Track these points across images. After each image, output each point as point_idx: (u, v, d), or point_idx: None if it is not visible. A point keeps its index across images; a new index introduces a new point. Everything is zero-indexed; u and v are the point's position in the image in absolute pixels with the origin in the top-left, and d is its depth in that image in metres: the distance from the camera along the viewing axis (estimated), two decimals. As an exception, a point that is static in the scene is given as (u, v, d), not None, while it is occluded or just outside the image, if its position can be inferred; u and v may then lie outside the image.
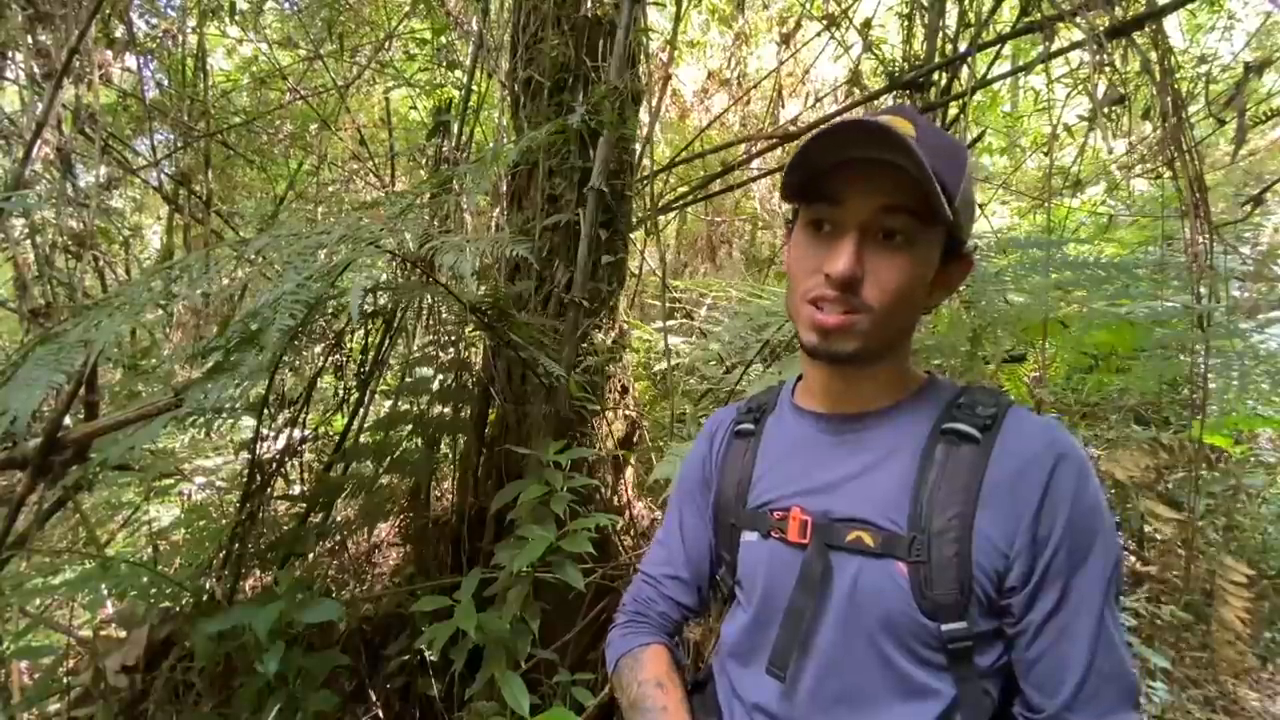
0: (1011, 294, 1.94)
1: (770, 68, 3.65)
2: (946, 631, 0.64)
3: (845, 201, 0.66)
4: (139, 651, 1.59)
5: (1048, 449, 0.66)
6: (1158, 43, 1.76)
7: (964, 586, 0.64)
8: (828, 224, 0.68)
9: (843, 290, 0.65)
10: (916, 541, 0.65)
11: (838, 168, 0.65)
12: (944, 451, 0.68)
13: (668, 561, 0.91)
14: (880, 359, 0.71)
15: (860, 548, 0.68)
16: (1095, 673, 0.63)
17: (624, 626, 0.91)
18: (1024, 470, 0.65)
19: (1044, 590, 0.64)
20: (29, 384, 0.77)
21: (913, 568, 0.65)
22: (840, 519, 0.70)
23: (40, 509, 1.61)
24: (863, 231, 0.66)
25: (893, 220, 0.65)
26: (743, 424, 0.86)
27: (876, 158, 0.63)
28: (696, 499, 0.89)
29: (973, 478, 0.65)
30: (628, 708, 0.81)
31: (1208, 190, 1.88)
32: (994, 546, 0.64)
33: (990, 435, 0.67)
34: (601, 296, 2.10)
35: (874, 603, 0.67)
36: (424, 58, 3.31)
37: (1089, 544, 0.64)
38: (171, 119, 3.15)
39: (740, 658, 0.79)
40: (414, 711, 1.86)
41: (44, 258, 2.43)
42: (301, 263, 1.18)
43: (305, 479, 2.18)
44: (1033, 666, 0.65)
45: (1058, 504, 0.64)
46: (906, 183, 0.62)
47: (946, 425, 0.69)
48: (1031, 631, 0.64)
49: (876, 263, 0.66)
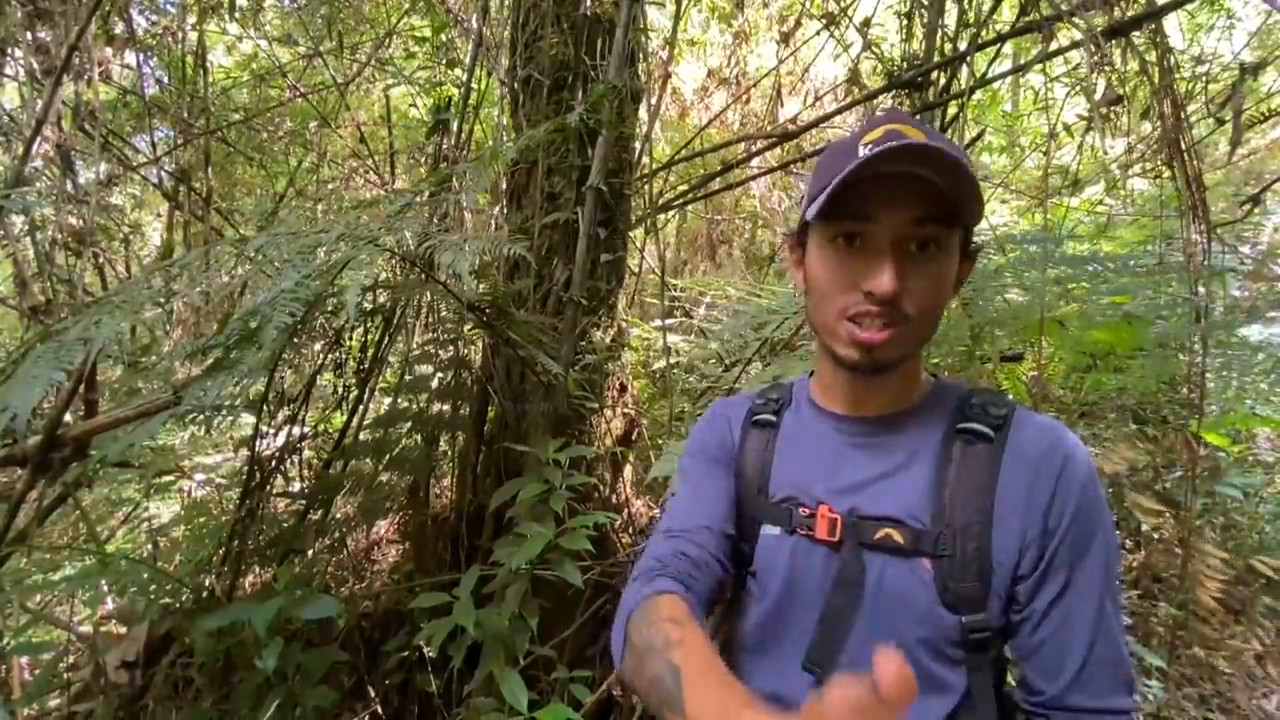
0: (1010, 293, 1.94)
1: (770, 66, 3.65)
2: (968, 623, 0.67)
3: (877, 217, 0.67)
4: (139, 647, 1.59)
5: (1057, 447, 0.69)
6: (1157, 42, 1.76)
7: (985, 579, 0.67)
8: (859, 239, 0.68)
9: (887, 306, 0.67)
10: (942, 538, 0.68)
11: (858, 183, 0.65)
12: (960, 450, 0.71)
13: (691, 515, 0.79)
14: (909, 363, 0.75)
15: (890, 545, 0.70)
16: (1095, 658, 0.66)
17: (638, 583, 0.72)
18: (1037, 467, 0.68)
19: (1049, 578, 0.67)
20: (29, 381, 0.78)
21: (937, 563, 0.68)
22: (868, 517, 0.72)
23: (40, 506, 1.62)
24: (897, 245, 0.67)
25: (925, 231, 0.67)
26: (761, 415, 0.85)
27: (908, 172, 0.64)
28: (718, 471, 0.84)
29: (990, 474, 0.69)
30: (637, 663, 0.62)
31: (1206, 190, 1.89)
32: (1010, 540, 0.67)
33: (1002, 434, 0.71)
34: (600, 295, 2.10)
35: (901, 599, 0.69)
36: (424, 55, 3.31)
37: (1091, 536, 0.67)
38: (171, 116, 3.15)
39: (755, 648, 0.79)
40: (413, 708, 1.87)
41: (44, 254, 2.44)
42: (301, 261, 1.19)
43: (305, 476, 2.18)
44: (1036, 651, 0.68)
45: (1066, 498, 0.67)
46: (934, 193, 0.64)
47: (962, 425, 0.72)
48: (1036, 618, 0.67)
49: (913, 275, 0.67)
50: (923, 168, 0.63)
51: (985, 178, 3.96)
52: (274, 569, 1.73)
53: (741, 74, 3.76)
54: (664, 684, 0.56)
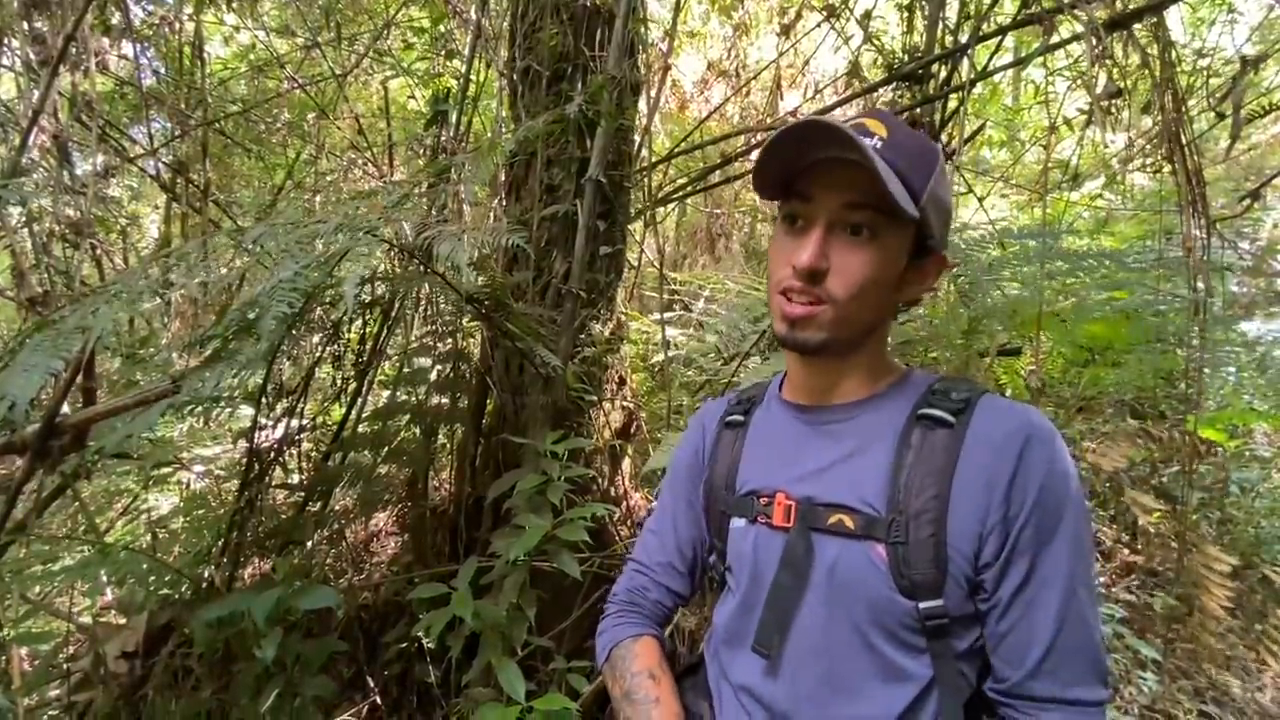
0: (1008, 287, 1.94)
1: (770, 59, 3.63)
2: (924, 609, 0.66)
3: (814, 198, 0.70)
4: (139, 638, 1.60)
5: (1019, 430, 0.67)
6: (1158, 36, 1.75)
7: (940, 565, 0.66)
8: (800, 219, 0.72)
9: (808, 281, 0.69)
10: (895, 524, 0.67)
11: (810, 166, 0.69)
12: (920, 436, 0.70)
13: (660, 549, 0.92)
14: (852, 351, 0.75)
15: (841, 530, 0.70)
16: (1061, 645, 0.64)
17: (616, 616, 0.92)
18: (996, 451, 0.67)
19: (1013, 564, 0.66)
20: (27, 370, 0.78)
21: (891, 549, 0.67)
22: (822, 503, 0.72)
23: (39, 497, 1.62)
24: (829, 226, 0.69)
25: (857, 215, 0.68)
26: (732, 415, 0.89)
27: (840, 157, 0.67)
28: (688, 488, 0.91)
29: (947, 460, 0.68)
30: (620, 698, 0.83)
31: (1206, 185, 1.88)
32: (969, 526, 0.66)
33: (964, 419, 0.69)
34: (599, 288, 2.10)
35: (854, 584, 0.69)
36: (422, 46, 3.29)
37: (1056, 521, 0.65)
38: (169, 107, 3.14)
39: (729, 641, 0.81)
40: (412, 698, 1.88)
41: (41, 246, 2.43)
42: (299, 251, 1.18)
43: (303, 469, 2.19)
44: (1002, 640, 0.67)
45: (1028, 482, 0.65)
46: (871, 181, 0.65)
47: (922, 411, 0.72)
48: (1001, 606, 0.66)
49: (841, 256, 0.69)
50: (853, 153, 0.65)
51: (985, 172, 3.95)
52: (273, 560, 1.73)
53: (741, 67, 3.75)
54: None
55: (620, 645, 0.87)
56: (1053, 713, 0.64)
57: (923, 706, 0.68)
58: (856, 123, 0.70)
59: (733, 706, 0.78)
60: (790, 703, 0.72)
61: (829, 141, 0.67)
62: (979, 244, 2.05)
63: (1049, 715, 0.64)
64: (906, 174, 0.66)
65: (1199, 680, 2.28)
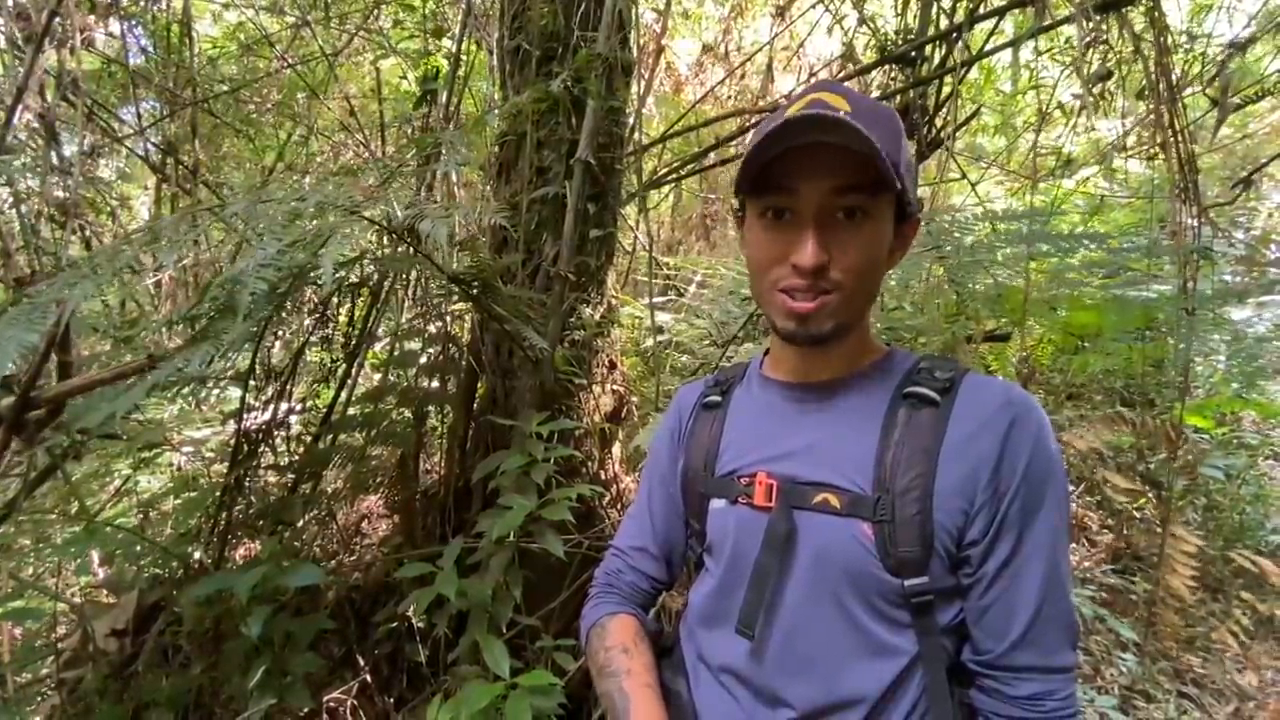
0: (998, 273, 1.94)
1: (765, 41, 3.60)
2: (910, 586, 0.67)
3: (798, 189, 0.67)
4: (128, 616, 1.61)
5: (1004, 408, 0.68)
6: (1154, 20, 1.74)
7: (926, 542, 0.66)
8: (787, 212, 0.69)
9: (812, 278, 0.68)
10: (881, 502, 0.67)
11: (783, 156, 0.66)
12: (905, 415, 0.70)
13: (637, 535, 0.94)
14: (850, 330, 0.74)
15: (826, 508, 0.70)
16: (1042, 616, 0.66)
17: (595, 599, 0.93)
18: (981, 428, 0.68)
19: (1000, 540, 0.67)
20: (1, 343, 0.77)
21: (877, 527, 0.67)
22: (806, 482, 0.72)
23: (27, 478, 1.62)
24: (820, 216, 0.67)
25: (847, 199, 0.67)
26: (710, 397, 0.89)
27: (819, 141, 0.64)
28: (666, 472, 0.91)
29: (933, 438, 0.68)
30: (596, 674, 0.84)
31: (1199, 172, 1.88)
32: (954, 503, 0.67)
33: (949, 397, 0.70)
34: (589, 271, 2.09)
35: (839, 562, 0.69)
36: (412, 24, 3.24)
37: (1041, 496, 0.66)
38: (157, 86, 3.09)
39: (707, 621, 0.81)
40: (401, 676, 1.90)
41: (29, 226, 2.41)
42: (282, 230, 1.18)
43: (293, 450, 2.19)
44: (985, 612, 0.68)
45: (1015, 458, 0.66)
46: (852, 160, 0.64)
47: (908, 390, 0.72)
48: (987, 580, 0.67)
49: (839, 243, 0.68)
50: (835, 136, 0.63)
51: (978, 158, 3.94)
52: (262, 540, 1.74)
53: (737, 49, 3.71)
54: (614, 704, 0.78)
55: (597, 624, 0.89)
56: (1032, 681, 0.66)
57: (909, 680, 0.69)
58: (814, 98, 0.67)
59: (713, 688, 0.78)
60: (776, 683, 0.72)
61: (806, 128, 0.64)
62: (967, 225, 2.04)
63: (1028, 683, 0.66)
64: (882, 144, 0.63)
65: (1178, 662, 2.32)
